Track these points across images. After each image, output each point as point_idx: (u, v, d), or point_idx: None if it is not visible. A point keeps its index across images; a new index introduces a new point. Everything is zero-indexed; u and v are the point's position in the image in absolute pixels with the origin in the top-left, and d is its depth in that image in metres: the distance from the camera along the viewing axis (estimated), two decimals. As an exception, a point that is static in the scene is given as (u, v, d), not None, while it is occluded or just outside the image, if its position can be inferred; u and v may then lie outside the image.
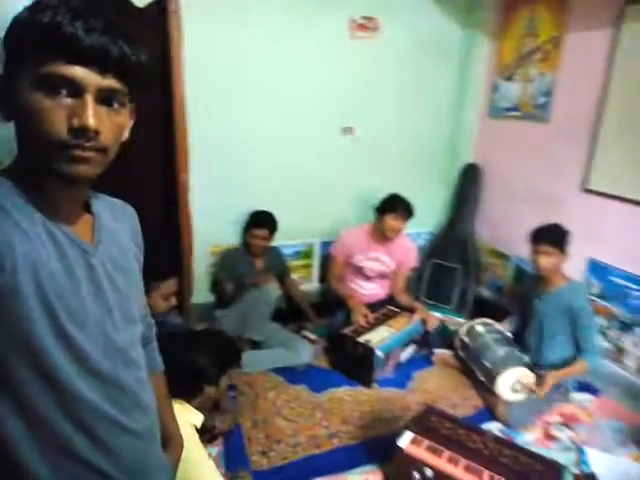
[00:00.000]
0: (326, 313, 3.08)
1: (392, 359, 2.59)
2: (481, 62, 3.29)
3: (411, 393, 2.48)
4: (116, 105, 0.68)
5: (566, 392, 2.40)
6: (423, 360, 2.78)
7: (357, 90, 3.07)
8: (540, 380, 2.24)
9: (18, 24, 0.62)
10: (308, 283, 3.35)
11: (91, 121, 0.63)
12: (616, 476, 1.95)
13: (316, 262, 3.35)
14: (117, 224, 0.82)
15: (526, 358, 2.38)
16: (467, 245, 3.42)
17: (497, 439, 1.85)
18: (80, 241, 0.71)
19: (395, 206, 2.79)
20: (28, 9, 0.61)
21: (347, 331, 2.62)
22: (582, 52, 2.62)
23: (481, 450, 1.76)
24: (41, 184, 0.67)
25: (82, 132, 0.63)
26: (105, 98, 0.66)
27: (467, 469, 1.66)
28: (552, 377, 2.23)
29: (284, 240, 3.10)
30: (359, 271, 2.96)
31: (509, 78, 3.13)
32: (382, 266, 2.95)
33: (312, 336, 2.90)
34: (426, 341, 2.82)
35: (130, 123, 0.74)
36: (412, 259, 3.07)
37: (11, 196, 0.65)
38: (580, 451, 2.10)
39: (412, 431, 1.82)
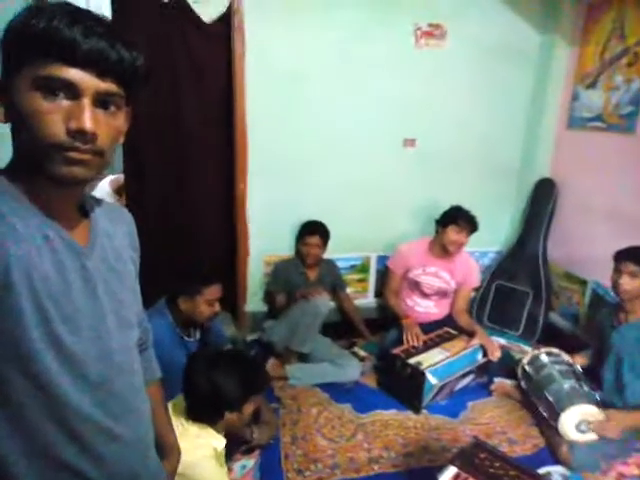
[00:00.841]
0: (379, 330, 2.98)
1: (447, 388, 2.42)
2: (559, 69, 3.03)
3: (463, 424, 2.29)
4: (113, 108, 0.68)
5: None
6: (480, 388, 2.57)
7: (421, 100, 2.96)
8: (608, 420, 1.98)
9: (16, 27, 0.62)
10: (363, 298, 3.26)
11: (89, 124, 0.63)
12: None
13: (372, 277, 3.25)
14: (114, 228, 0.82)
15: (597, 396, 2.12)
16: (538, 267, 3.15)
17: (555, 486, 1.65)
18: (75, 243, 0.71)
19: (458, 218, 2.65)
20: (26, 13, 0.62)
21: (397, 351, 2.49)
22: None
23: (533, 497, 1.57)
24: (37, 186, 0.67)
25: (79, 135, 0.63)
26: (102, 101, 0.66)
27: (514, 517, 1.49)
28: (622, 417, 1.96)
29: (339, 253, 3.04)
30: (416, 287, 2.83)
31: (591, 85, 2.86)
32: (441, 282, 2.79)
33: (362, 353, 2.80)
34: (485, 368, 2.61)
35: (126, 127, 0.73)
36: (474, 278, 2.88)
37: (6, 197, 0.66)
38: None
39: (456, 466, 1.66)
